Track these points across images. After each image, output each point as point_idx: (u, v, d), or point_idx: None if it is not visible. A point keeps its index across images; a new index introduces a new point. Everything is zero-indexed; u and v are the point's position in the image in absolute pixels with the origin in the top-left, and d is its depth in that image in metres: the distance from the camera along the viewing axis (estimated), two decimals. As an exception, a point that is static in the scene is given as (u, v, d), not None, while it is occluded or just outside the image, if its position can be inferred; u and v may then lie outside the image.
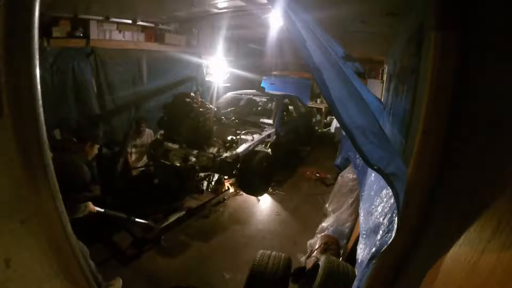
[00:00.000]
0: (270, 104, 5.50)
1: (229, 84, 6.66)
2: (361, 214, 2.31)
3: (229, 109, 5.31)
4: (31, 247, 0.87)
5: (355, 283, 1.56)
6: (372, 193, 2.17)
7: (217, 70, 6.21)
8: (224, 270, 2.70)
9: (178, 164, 3.50)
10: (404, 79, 2.19)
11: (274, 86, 7.74)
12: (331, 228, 2.98)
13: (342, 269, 1.91)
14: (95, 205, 2.36)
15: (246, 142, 3.99)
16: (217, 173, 3.91)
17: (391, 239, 1.05)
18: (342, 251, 2.72)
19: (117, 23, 4.24)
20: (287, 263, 2.06)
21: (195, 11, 4.26)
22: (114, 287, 2.43)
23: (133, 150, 4.14)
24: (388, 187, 1.05)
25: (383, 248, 1.09)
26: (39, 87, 0.81)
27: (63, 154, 2.04)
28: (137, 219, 2.89)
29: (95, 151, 2.36)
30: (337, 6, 2.81)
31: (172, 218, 3.26)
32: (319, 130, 7.91)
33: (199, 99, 3.92)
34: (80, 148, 2.21)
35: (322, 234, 2.95)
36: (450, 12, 0.89)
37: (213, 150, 3.84)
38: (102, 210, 2.46)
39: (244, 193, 4.13)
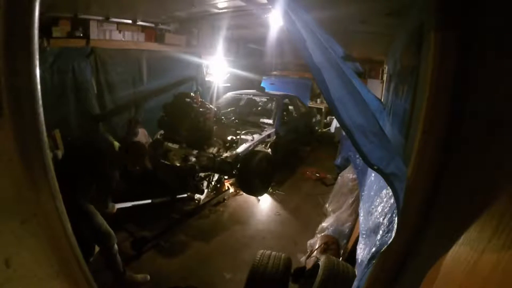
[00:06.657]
0: (270, 104, 5.49)
1: (229, 84, 6.66)
2: (361, 214, 2.31)
3: (229, 109, 5.31)
4: (31, 247, 0.86)
5: (355, 283, 1.55)
6: (372, 193, 2.17)
7: (217, 70, 6.20)
8: (224, 270, 2.70)
9: (178, 164, 3.50)
10: (404, 79, 2.19)
11: (274, 86, 7.75)
12: (331, 228, 2.98)
13: (342, 269, 1.91)
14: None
15: (246, 142, 3.99)
16: (217, 173, 3.90)
17: (391, 239, 1.04)
18: (342, 251, 2.72)
19: (117, 23, 4.24)
20: (287, 263, 2.06)
21: (195, 11, 4.25)
22: (137, 279, 2.46)
23: None
24: (388, 187, 1.05)
25: (383, 248, 1.09)
26: (39, 87, 0.81)
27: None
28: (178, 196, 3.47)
29: (137, 165, 2.52)
30: (337, 6, 2.82)
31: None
32: (319, 130, 7.90)
33: (199, 99, 3.92)
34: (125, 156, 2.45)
35: (322, 234, 2.95)
36: (450, 12, 0.89)
37: (213, 150, 3.84)
38: (128, 204, 2.93)
39: (244, 193, 4.13)
